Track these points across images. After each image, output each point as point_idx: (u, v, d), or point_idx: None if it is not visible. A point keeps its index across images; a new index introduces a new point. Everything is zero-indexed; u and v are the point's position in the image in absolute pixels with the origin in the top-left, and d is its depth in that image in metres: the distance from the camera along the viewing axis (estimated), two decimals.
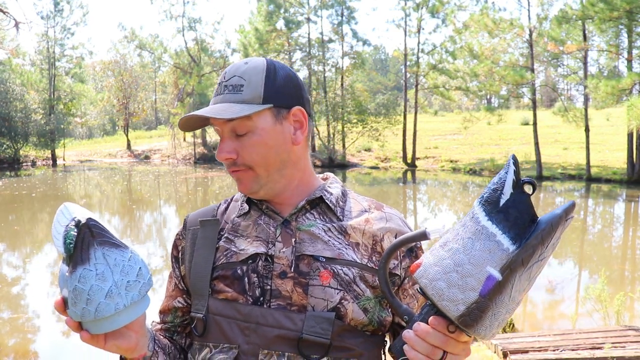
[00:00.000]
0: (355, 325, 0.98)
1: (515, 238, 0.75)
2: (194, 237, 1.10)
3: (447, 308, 0.77)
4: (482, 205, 0.78)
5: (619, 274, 7.63)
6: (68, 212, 0.83)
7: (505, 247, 0.75)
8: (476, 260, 0.75)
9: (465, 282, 0.75)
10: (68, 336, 5.49)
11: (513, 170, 0.77)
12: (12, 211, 14.35)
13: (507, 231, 0.75)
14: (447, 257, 0.77)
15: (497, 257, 0.75)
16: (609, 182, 18.00)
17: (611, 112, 27.94)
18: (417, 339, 0.81)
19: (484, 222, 0.76)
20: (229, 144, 1.01)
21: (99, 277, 0.80)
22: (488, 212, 0.77)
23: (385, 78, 64.67)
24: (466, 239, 0.77)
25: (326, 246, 1.01)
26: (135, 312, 0.85)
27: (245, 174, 1.02)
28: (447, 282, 0.76)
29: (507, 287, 0.75)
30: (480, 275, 0.75)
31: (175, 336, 1.12)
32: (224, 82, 1.02)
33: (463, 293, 0.75)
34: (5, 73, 31.60)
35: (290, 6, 28.54)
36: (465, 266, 0.76)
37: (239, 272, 1.01)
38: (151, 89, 52.99)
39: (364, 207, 1.10)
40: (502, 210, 0.76)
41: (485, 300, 0.75)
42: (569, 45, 19.10)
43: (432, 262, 0.79)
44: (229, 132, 1.02)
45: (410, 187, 19.56)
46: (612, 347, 3.98)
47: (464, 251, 0.76)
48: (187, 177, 24.07)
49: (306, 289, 0.97)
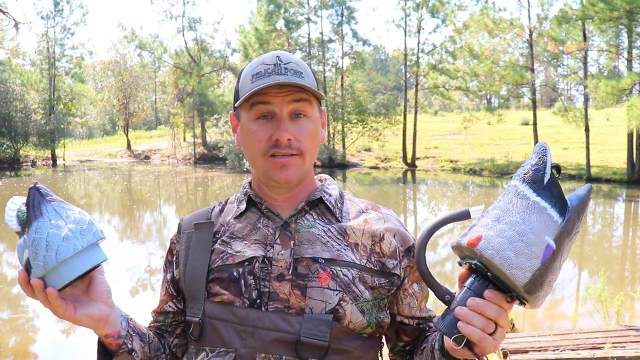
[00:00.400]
0: (353, 327, 0.97)
1: (561, 212, 0.83)
2: (189, 241, 1.09)
3: (515, 276, 0.80)
4: (527, 184, 0.84)
5: (619, 274, 7.63)
6: (15, 200, 0.91)
7: (555, 219, 0.82)
8: (537, 230, 0.81)
9: (531, 251, 0.80)
10: (68, 336, 5.49)
11: (550, 154, 0.85)
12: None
13: (554, 205, 0.83)
14: (508, 229, 0.82)
15: (550, 228, 0.82)
16: (609, 182, 18.00)
17: (611, 112, 27.93)
18: (473, 314, 0.83)
19: (534, 197, 0.83)
20: (289, 125, 0.99)
21: (53, 226, 0.86)
22: (535, 189, 0.83)
23: (385, 78, 64.65)
24: (521, 212, 0.82)
25: (325, 247, 1.00)
26: (93, 258, 0.91)
27: (294, 159, 1.00)
28: (515, 251, 0.80)
29: (559, 255, 0.83)
30: (541, 243, 0.81)
31: (165, 334, 1.12)
32: (282, 64, 0.99)
33: (530, 261, 0.80)
34: (5, 73, 31.60)
35: (290, 6, 28.55)
36: (528, 235, 0.81)
37: (235, 275, 1.00)
38: (151, 89, 52.99)
39: (361, 208, 1.10)
40: (547, 187, 0.84)
41: (545, 267, 0.81)
42: (569, 45, 19.10)
43: (493, 235, 0.82)
44: (289, 112, 1.00)
45: (410, 187, 19.56)
46: (612, 347, 3.98)
47: (524, 222, 0.82)
48: (187, 177, 24.07)
49: (304, 291, 0.97)
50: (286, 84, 0.96)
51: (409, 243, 1.06)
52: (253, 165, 1.05)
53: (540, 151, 0.86)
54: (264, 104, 0.99)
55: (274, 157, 1.00)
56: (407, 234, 1.07)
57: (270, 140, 0.99)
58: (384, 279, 1.02)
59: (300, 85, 0.97)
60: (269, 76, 0.98)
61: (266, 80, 0.97)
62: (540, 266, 0.80)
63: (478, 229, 0.85)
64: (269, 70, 0.99)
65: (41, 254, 0.85)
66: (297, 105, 1.00)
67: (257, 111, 1.00)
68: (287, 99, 0.99)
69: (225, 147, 26.90)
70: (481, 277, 0.85)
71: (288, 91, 0.98)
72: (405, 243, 1.06)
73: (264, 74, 0.98)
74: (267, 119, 1.00)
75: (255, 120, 1.01)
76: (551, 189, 0.84)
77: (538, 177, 0.84)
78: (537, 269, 0.80)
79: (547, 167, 0.85)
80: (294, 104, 0.99)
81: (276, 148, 0.99)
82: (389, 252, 1.03)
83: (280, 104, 0.99)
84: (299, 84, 0.97)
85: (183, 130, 37.69)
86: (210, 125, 33.69)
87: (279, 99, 0.98)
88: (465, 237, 0.85)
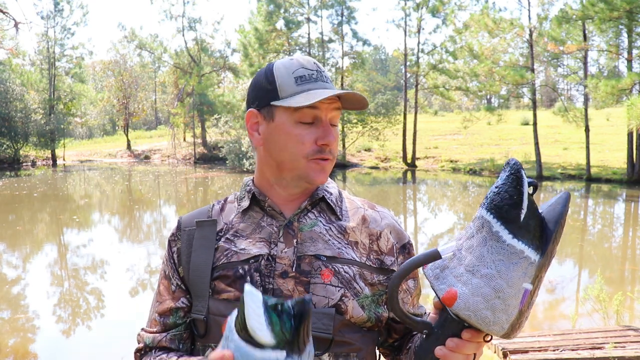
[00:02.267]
0: (354, 322, 1.00)
1: (538, 247, 0.78)
2: (190, 238, 1.09)
3: (494, 330, 0.79)
4: (502, 223, 0.78)
5: (619, 274, 7.63)
6: (256, 297, 0.77)
7: (532, 259, 0.77)
8: (514, 282, 0.77)
9: (508, 305, 0.77)
10: (68, 336, 5.49)
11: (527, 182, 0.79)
12: (12, 211, 14.35)
13: (531, 244, 0.77)
14: (484, 284, 0.78)
15: (528, 272, 0.77)
16: (609, 182, 17.99)
17: (611, 112, 27.93)
18: (453, 354, 0.84)
19: (510, 240, 0.77)
20: (331, 131, 1.04)
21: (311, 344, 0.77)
22: (511, 230, 0.77)
23: (385, 78, 64.63)
24: (497, 261, 0.77)
25: (327, 245, 1.03)
26: None
27: (329, 163, 1.05)
28: (492, 309, 0.77)
29: (536, 291, 0.80)
30: (518, 293, 0.77)
31: (181, 346, 1.08)
32: (322, 72, 1.05)
33: (507, 314, 0.77)
34: (5, 73, 31.61)
35: (290, 6, 28.55)
36: (505, 290, 0.77)
37: (240, 272, 1.01)
38: (151, 89, 53.01)
39: (359, 206, 1.12)
40: (524, 225, 0.77)
41: (522, 310, 0.78)
42: (569, 45, 19.10)
43: (468, 292, 0.78)
44: (328, 120, 1.04)
45: (410, 187, 19.56)
46: (612, 347, 3.98)
47: (500, 276, 0.77)
48: (187, 177, 24.07)
49: (307, 288, 0.99)
50: (339, 95, 1.01)
51: (404, 240, 1.10)
52: (290, 167, 1.04)
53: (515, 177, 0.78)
54: (312, 108, 1.01)
55: (315, 160, 1.03)
56: (403, 231, 1.11)
57: (315, 144, 1.02)
58: (383, 276, 1.05)
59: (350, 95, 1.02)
60: (315, 82, 1.02)
61: (316, 87, 1.02)
62: (518, 313, 0.78)
63: (452, 279, 0.81)
64: (314, 76, 1.03)
65: None
66: (335, 114, 1.05)
67: (304, 114, 1.01)
68: (331, 107, 1.03)
69: (225, 147, 26.88)
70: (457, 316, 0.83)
71: (332, 99, 1.03)
72: (401, 240, 1.10)
73: (309, 79, 1.02)
74: (310, 124, 1.02)
75: (298, 124, 1.02)
76: (528, 223, 0.77)
77: (514, 215, 0.77)
78: (515, 317, 0.78)
79: (524, 201, 0.77)
80: (334, 112, 1.04)
81: (321, 153, 1.03)
82: (387, 249, 1.07)
83: (326, 110, 1.03)
84: (350, 94, 1.02)
85: (183, 130, 37.70)
86: (210, 125, 33.68)
87: (325, 106, 1.03)
88: (440, 287, 0.82)
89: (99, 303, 6.62)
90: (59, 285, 7.44)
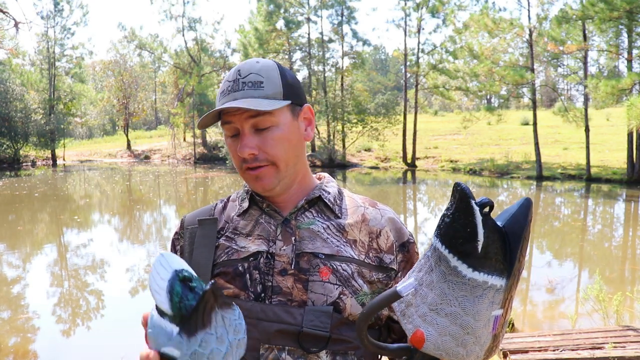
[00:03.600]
0: (353, 319, 1.00)
1: (502, 272, 0.74)
2: (192, 236, 1.11)
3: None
4: (458, 257, 0.73)
5: (619, 274, 7.63)
6: (167, 264, 0.80)
7: (499, 286, 0.74)
8: (481, 316, 0.74)
9: (478, 337, 0.75)
10: (68, 336, 5.49)
11: (479, 211, 0.72)
12: (12, 211, 14.35)
13: (494, 272, 0.73)
14: (449, 323, 0.74)
15: (496, 300, 0.74)
16: (609, 182, 17.99)
17: (611, 112, 27.93)
18: None
19: (470, 274, 0.73)
20: (251, 140, 1.02)
21: (218, 340, 0.78)
22: (470, 264, 0.73)
23: (385, 78, 64.67)
24: (460, 297, 0.73)
25: (325, 243, 1.03)
26: None
27: (266, 170, 1.03)
28: (463, 345, 0.75)
29: (509, 310, 0.77)
30: (488, 323, 0.75)
31: None
32: (241, 78, 1.02)
33: (479, 345, 0.75)
34: (5, 73, 31.62)
35: (290, 6, 28.54)
36: (473, 325, 0.74)
37: (240, 269, 1.03)
38: (151, 89, 53.03)
39: (360, 204, 1.13)
40: (482, 255, 0.73)
41: (496, 334, 0.76)
42: (569, 45, 19.09)
43: (436, 333, 0.75)
44: (249, 127, 1.02)
45: (410, 187, 19.56)
46: (612, 347, 3.98)
47: (466, 313, 0.74)
48: (187, 177, 24.07)
49: (306, 285, 1.00)
50: (232, 107, 0.98)
51: (404, 238, 1.10)
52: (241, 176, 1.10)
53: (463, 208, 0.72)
54: (229, 123, 1.03)
55: (247, 170, 1.04)
56: (403, 229, 1.11)
57: (239, 156, 1.03)
58: (382, 274, 1.05)
59: (243, 108, 0.98)
60: (229, 94, 1.02)
61: (224, 100, 1.02)
62: (492, 338, 0.76)
63: (417, 321, 0.77)
64: (229, 88, 1.02)
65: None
66: (256, 120, 1.01)
67: (227, 129, 1.05)
68: (244, 116, 1.01)
69: (225, 147, 26.88)
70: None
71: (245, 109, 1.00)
72: (401, 238, 1.09)
73: (226, 92, 1.03)
74: (235, 136, 1.05)
75: (228, 138, 1.06)
76: (487, 252, 0.72)
77: (470, 249, 0.72)
78: (490, 342, 0.75)
79: (479, 232, 0.71)
80: (251, 119, 1.01)
81: (245, 163, 1.03)
82: (386, 247, 1.07)
83: (240, 121, 1.02)
84: (241, 107, 0.97)
85: (183, 130, 37.71)
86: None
87: (237, 117, 1.02)
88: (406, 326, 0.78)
89: (99, 303, 6.62)
90: (59, 285, 7.43)
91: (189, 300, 0.75)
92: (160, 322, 0.77)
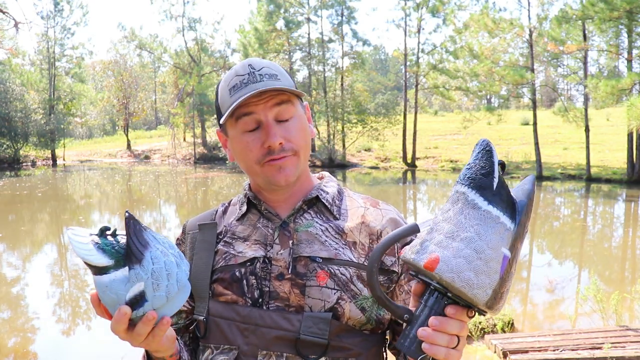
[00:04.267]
0: (353, 324, 0.98)
1: (511, 216, 0.81)
2: (193, 241, 1.11)
3: (478, 296, 0.78)
4: (476, 191, 0.81)
5: (618, 274, 7.63)
6: (80, 232, 0.83)
7: (508, 226, 0.80)
8: (493, 244, 0.78)
9: (489, 267, 0.78)
10: (68, 336, 5.49)
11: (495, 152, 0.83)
12: (12, 211, 14.35)
13: (505, 212, 0.80)
14: (465, 247, 0.78)
15: (505, 237, 0.79)
16: (609, 182, 17.99)
17: (611, 112, 27.93)
18: (436, 333, 0.80)
19: (485, 207, 0.80)
20: (277, 129, 1.00)
21: (163, 253, 0.82)
22: (486, 197, 0.80)
23: (385, 78, 64.65)
24: (475, 225, 0.79)
25: (323, 247, 1.02)
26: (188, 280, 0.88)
27: (290, 160, 1.02)
28: (475, 270, 0.78)
29: (514, 262, 0.81)
30: (498, 256, 0.78)
31: (178, 335, 1.12)
32: (256, 71, 1.01)
33: (489, 277, 0.78)
34: (5, 73, 31.61)
35: (290, 6, 28.54)
36: (486, 252, 0.78)
37: (237, 275, 1.02)
38: (151, 89, 53.02)
39: (360, 204, 1.11)
40: (496, 192, 0.80)
41: (503, 279, 0.79)
42: (569, 45, 19.09)
43: (450, 255, 0.79)
44: (273, 118, 1.01)
45: (410, 187, 19.55)
46: (612, 347, 3.99)
47: (480, 238, 0.79)
48: (187, 177, 24.07)
49: (303, 290, 0.98)
50: (264, 90, 0.97)
51: (406, 239, 1.06)
52: (251, 175, 1.07)
53: (486, 151, 0.83)
54: (248, 114, 1.00)
55: (268, 162, 1.01)
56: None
57: (262, 148, 1.01)
58: (383, 277, 1.03)
59: (278, 88, 0.98)
60: (246, 86, 0.99)
61: (245, 91, 0.99)
62: (499, 280, 0.78)
63: (433, 247, 0.80)
64: (244, 80, 1.00)
65: (163, 284, 0.81)
66: (280, 109, 1.01)
67: (244, 124, 1.01)
68: (269, 105, 1.00)
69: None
70: (439, 292, 0.82)
71: (268, 97, 1.00)
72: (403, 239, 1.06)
73: (241, 86, 1.00)
74: (255, 130, 1.01)
75: (244, 133, 1.02)
76: (500, 192, 0.81)
77: (487, 183, 0.81)
78: (497, 283, 0.78)
79: (495, 171, 0.81)
80: (276, 107, 1.00)
81: (270, 154, 1.00)
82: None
83: (264, 110, 1.00)
84: (277, 88, 0.98)
85: (183, 130, 37.71)
86: (210, 125, 33.70)
87: (261, 106, 1.00)
88: (420, 257, 0.80)
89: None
90: (59, 286, 7.43)
91: (118, 242, 0.81)
92: (108, 279, 0.79)
